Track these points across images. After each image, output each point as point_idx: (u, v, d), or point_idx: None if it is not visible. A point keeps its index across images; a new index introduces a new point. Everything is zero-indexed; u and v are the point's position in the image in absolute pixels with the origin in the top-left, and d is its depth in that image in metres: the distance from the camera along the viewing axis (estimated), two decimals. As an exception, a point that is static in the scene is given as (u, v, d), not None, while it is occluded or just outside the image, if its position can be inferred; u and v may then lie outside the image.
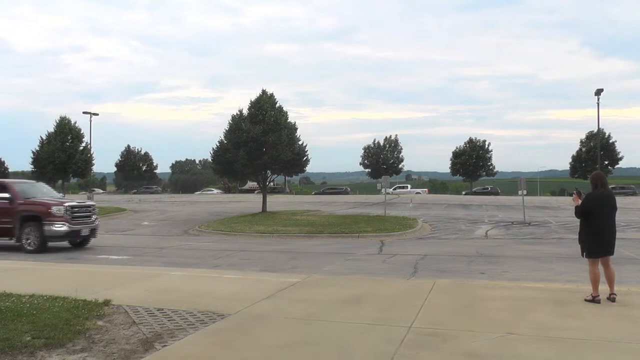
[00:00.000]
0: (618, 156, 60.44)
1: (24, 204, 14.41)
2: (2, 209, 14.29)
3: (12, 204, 14.32)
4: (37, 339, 5.23)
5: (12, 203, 14.34)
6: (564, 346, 5.20)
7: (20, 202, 14.43)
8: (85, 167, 34.86)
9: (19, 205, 14.34)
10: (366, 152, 73.27)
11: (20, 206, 14.33)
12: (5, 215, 14.24)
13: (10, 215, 14.19)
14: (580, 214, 7.10)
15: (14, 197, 14.45)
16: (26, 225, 14.14)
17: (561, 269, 11.03)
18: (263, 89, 29.79)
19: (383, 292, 7.86)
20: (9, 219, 14.18)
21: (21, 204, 14.37)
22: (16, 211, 14.19)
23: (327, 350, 5.10)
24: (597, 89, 43.01)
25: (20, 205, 14.35)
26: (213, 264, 11.85)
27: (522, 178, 27.94)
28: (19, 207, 14.27)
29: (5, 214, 14.26)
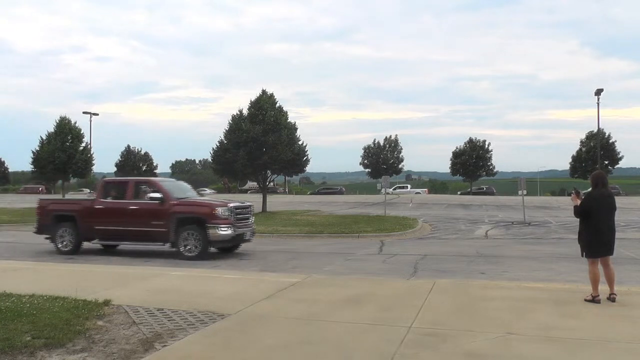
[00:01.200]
0: (618, 156, 60.40)
1: (179, 205, 12.92)
2: (154, 210, 12.82)
3: (164, 205, 12.79)
4: (37, 339, 5.23)
5: (164, 204, 12.80)
6: (564, 346, 5.20)
7: (174, 202, 12.91)
8: (85, 167, 34.87)
9: (173, 206, 12.81)
10: (366, 152, 73.20)
11: (175, 207, 12.80)
12: (156, 217, 12.73)
13: (163, 218, 12.65)
14: (580, 214, 7.10)
15: (165, 197, 12.92)
16: (184, 228, 12.52)
17: (561, 269, 11.03)
18: (263, 89, 29.82)
19: (383, 292, 7.87)
20: (161, 222, 12.64)
21: (176, 205, 12.86)
22: (170, 213, 12.65)
23: (327, 350, 5.10)
24: (597, 89, 43.08)
25: (174, 206, 12.82)
26: (213, 264, 11.84)
27: (522, 178, 27.95)
28: (173, 208, 12.74)
29: (156, 216, 12.74)
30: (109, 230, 13.41)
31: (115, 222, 13.31)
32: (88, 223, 13.50)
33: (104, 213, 13.51)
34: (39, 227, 14.32)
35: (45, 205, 14.64)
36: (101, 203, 13.71)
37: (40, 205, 14.69)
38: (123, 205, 13.45)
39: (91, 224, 13.47)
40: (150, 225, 12.80)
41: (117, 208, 13.56)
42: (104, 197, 13.87)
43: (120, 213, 13.33)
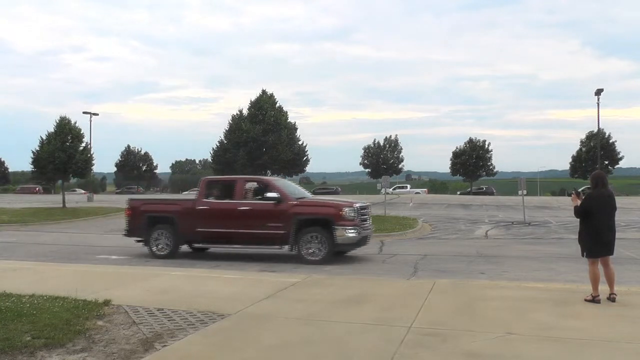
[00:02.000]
0: (618, 156, 60.48)
1: (300, 205, 12.12)
2: (270, 211, 12.01)
3: (281, 205, 11.95)
4: (37, 339, 5.23)
5: (281, 204, 11.97)
6: (564, 346, 5.20)
7: (294, 202, 12.12)
8: (85, 167, 34.81)
9: (294, 206, 11.98)
10: (366, 152, 73.19)
11: (296, 208, 11.96)
12: (273, 218, 11.91)
13: (282, 219, 11.83)
14: (580, 214, 7.10)
15: (283, 196, 12.12)
16: (306, 230, 11.72)
17: (561, 269, 11.03)
18: (263, 89, 29.96)
19: (383, 292, 7.87)
20: (279, 223, 11.82)
21: (296, 205, 12.05)
22: (290, 213, 11.82)
23: (327, 350, 5.10)
24: (597, 89, 43.14)
25: (295, 206, 11.99)
26: (213, 264, 11.85)
27: (522, 178, 27.94)
28: (293, 209, 11.91)
29: (273, 218, 11.92)
30: (214, 233, 12.49)
31: (222, 224, 12.39)
32: (189, 225, 12.54)
33: (208, 214, 12.51)
34: (130, 229, 13.39)
35: (138, 206, 13.65)
36: (205, 204, 12.69)
37: (131, 206, 13.70)
38: (232, 206, 12.48)
39: (193, 226, 12.51)
40: (265, 227, 11.94)
41: (225, 209, 12.58)
42: (206, 197, 12.87)
43: (229, 214, 12.37)
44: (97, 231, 21.15)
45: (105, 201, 42.98)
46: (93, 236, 19.25)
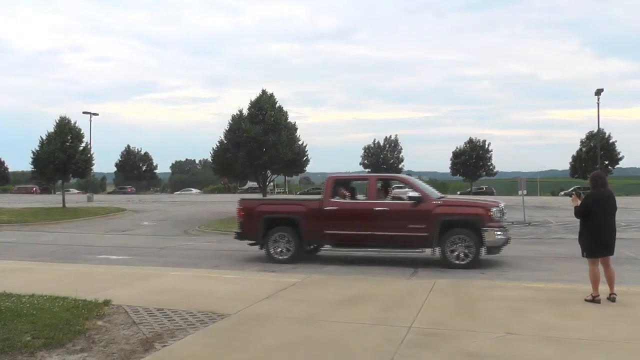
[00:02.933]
0: (618, 156, 60.40)
1: (444, 206, 11.38)
2: (410, 212, 11.21)
3: (422, 205, 11.17)
4: (37, 339, 5.23)
5: (422, 204, 11.19)
6: (564, 346, 5.20)
7: (437, 202, 11.40)
8: (85, 167, 34.81)
9: (437, 206, 11.21)
10: (366, 152, 73.02)
11: (439, 208, 11.19)
12: (414, 219, 11.09)
13: (423, 220, 11.03)
14: (580, 214, 7.10)
15: (424, 196, 11.39)
16: (452, 232, 10.92)
17: (561, 269, 11.03)
18: (263, 89, 29.81)
19: (383, 292, 7.87)
20: (420, 225, 11.01)
21: (440, 205, 11.30)
22: (434, 214, 11.03)
23: (327, 350, 5.10)
24: (597, 89, 43.08)
25: (438, 206, 11.23)
26: (213, 264, 11.84)
27: (522, 178, 27.93)
28: (437, 209, 11.12)
29: (414, 219, 11.10)
30: (345, 236, 11.67)
31: (355, 226, 11.58)
32: (316, 227, 11.64)
33: (339, 215, 11.63)
34: (243, 231, 12.41)
35: (253, 207, 12.67)
36: (334, 204, 11.79)
37: (244, 206, 12.62)
38: (367, 206, 11.72)
39: (321, 228, 11.63)
40: (405, 228, 11.14)
41: (359, 209, 11.85)
42: (334, 197, 11.99)
43: (364, 215, 11.56)
44: (97, 231, 21.17)
45: (104, 201, 42.99)
46: (93, 236, 19.26)
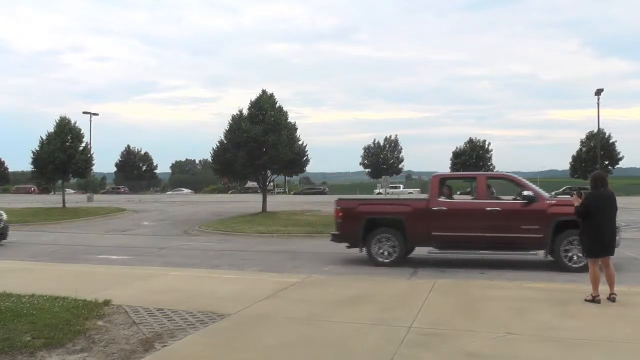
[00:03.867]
0: (618, 156, 60.41)
1: (558, 205, 10.71)
2: (525, 212, 10.68)
3: (535, 205, 10.66)
4: (37, 339, 5.23)
5: (534, 203, 10.68)
6: (564, 346, 5.20)
7: (550, 202, 10.90)
8: (85, 167, 34.82)
9: (550, 206, 10.63)
10: (366, 152, 73.17)
11: (554, 208, 10.57)
12: (529, 220, 10.55)
13: (538, 221, 10.47)
14: (581, 214, 7.10)
15: (537, 196, 10.88)
16: (567, 233, 10.16)
17: (560, 268, 11.01)
18: (263, 89, 29.79)
19: (383, 292, 7.87)
20: (534, 226, 10.46)
21: (554, 205, 10.70)
22: (548, 214, 10.44)
23: (327, 350, 5.10)
24: (597, 89, 43.14)
25: (552, 206, 10.64)
26: (213, 264, 11.85)
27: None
28: (550, 209, 10.54)
29: (529, 219, 10.55)
30: (454, 237, 11.08)
31: (465, 227, 10.97)
32: (422, 228, 11.10)
33: (447, 216, 11.03)
34: (342, 233, 11.84)
35: (353, 207, 12.08)
36: (441, 204, 11.18)
37: (343, 207, 12.08)
38: (478, 206, 11.13)
39: (427, 230, 11.08)
40: (518, 230, 10.60)
41: (470, 209, 11.30)
42: (440, 196, 11.44)
43: (474, 216, 10.97)
44: (97, 231, 21.17)
45: (103, 201, 42.98)
46: (93, 236, 19.26)
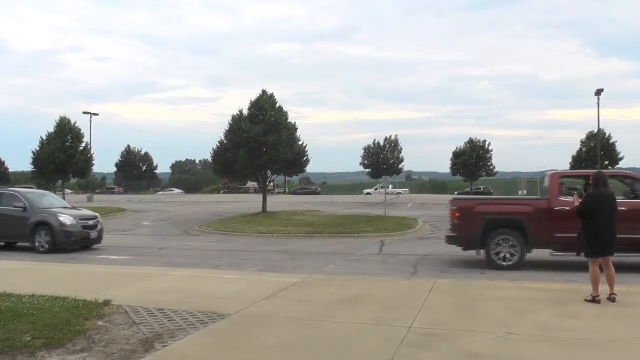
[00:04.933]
0: (618, 156, 60.41)
1: None
2: None
3: None
4: (37, 339, 5.23)
5: None
6: (564, 346, 5.20)
7: None
8: (85, 167, 34.88)
9: None
10: (366, 152, 73.09)
11: None
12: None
13: None
14: (581, 214, 7.10)
15: None
16: None
17: (561, 269, 11.02)
18: (263, 89, 29.80)
19: (383, 292, 7.87)
20: None
21: None
22: None
23: (327, 350, 5.10)
24: (597, 89, 43.07)
25: None
26: (213, 264, 11.85)
27: (522, 178, 27.91)
28: None
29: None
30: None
31: None
32: (544, 229, 10.58)
33: (570, 216, 10.25)
34: (459, 234, 11.29)
35: (470, 207, 11.44)
36: (565, 203, 10.44)
37: (460, 206, 11.46)
38: None
39: (549, 231, 10.56)
40: None
41: None
42: (561, 195, 10.88)
43: None
44: (97, 231, 21.11)
45: (104, 201, 42.97)
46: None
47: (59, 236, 14.01)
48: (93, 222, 15.06)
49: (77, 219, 14.65)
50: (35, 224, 14.20)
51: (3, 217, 14.59)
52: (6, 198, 15.02)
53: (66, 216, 14.46)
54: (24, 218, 14.37)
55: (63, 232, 14.08)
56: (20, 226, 14.30)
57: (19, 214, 14.46)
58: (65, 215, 14.48)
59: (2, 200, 14.99)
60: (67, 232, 14.16)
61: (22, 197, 14.92)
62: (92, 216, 15.34)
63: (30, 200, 14.85)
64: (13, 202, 14.80)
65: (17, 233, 14.60)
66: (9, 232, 14.73)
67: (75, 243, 14.37)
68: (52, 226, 14.08)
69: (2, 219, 14.58)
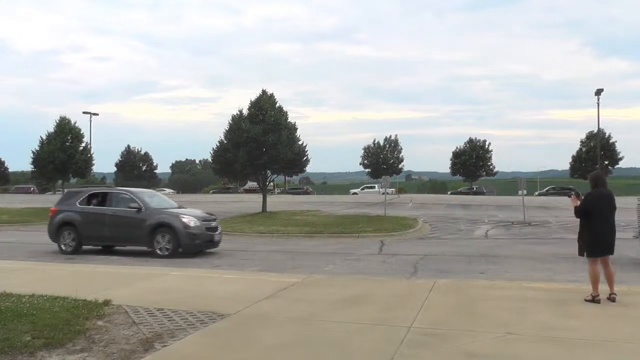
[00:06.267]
0: (618, 156, 60.44)
1: None
2: None
3: None
4: (37, 339, 5.23)
5: None
6: (564, 346, 5.20)
7: None
8: (85, 167, 34.90)
9: None
10: (366, 152, 73.17)
11: None
12: None
13: None
14: (580, 214, 7.10)
15: None
16: None
17: (561, 269, 11.03)
18: (263, 89, 29.79)
19: (383, 292, 7.87)
20: None
21: None
22: None
23: (327, 350, 5.10)
24: (597, 89, 43.13)
25: None
26: (213, 264, 11.85)
27: (522, 178, 27.92)
28: None
29: None
30: None
31: None
32: None
33: None
34: None
35: None
36: None
37: None
38: None
39: None
40: None
41: None
42: None
43: None
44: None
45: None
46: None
47: (183, 239, 12.90)
48: (215, 223, 13.93)
49: (201, 220, 13.51)
50: (155, 226, 13.09)
51: (116, 219, 13.55)
52: (118, 198, 14.01)
53: (190, 217, 13.32)
54: (140, 220, 13.22)
55: (188, 235, 12.95)
56: (136, 229, 13.19)
57: (133, 215, 13.33)
58: (189, 216, 13.34)
59: (114, 200, 13.95)
60: (192, 234, 13.02)
61: (136, 197, 13.75)
62: (213, 217, 14.21)
63: (144, 201, 13.68)
64: (126, 202, 13.72)
65: (131, 236, 13.41)
66: (122, 236, 13.56)
67: (199, 246, 13.37)
68: (175, 228, 12.92)
69: (115, 220, 13.54)
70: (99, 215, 13.77)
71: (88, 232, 13.77)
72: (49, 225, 14.47)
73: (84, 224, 13.78)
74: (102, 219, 13.69)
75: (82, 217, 13.85)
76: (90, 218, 13.78)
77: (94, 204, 14.09)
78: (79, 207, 14.11)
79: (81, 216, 13.88)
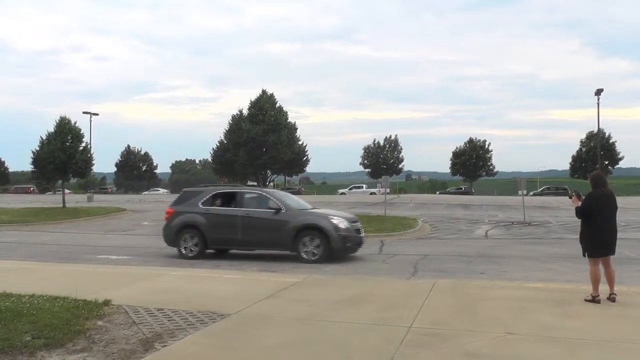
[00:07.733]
0: (618, 156, 60.52)
1: None
2: None
3: None
4: (37, 339, 5.23)
5: None
6: (564, 346, 5.20)
7: None
8: (85, 167, 34.84)
9: None
10: (366, 152, 73.22)
11: None
12: None
13: None
14: (581, 214, 7.11)
15: None
16: None
17: (561, 269, 11.03)
18: (263, 89, 29.94)
19: (383, 292, 7.87)
20: None
21: None
22: None
23: (327, 350, 5.10)
24: (597, 89, 43.20)
25: None
26: (213, 264, 11.84)
27: (522, 178, 27.93)
28: None
29: None
30: None
31: None
32: None
33: None
34: None
35: None
36: None
37: None
38: None
39: None
40: None
41: None
42: None
43: None
44: (98, 231, 21.15)
45: (104, 201, 42.97)
46: (93, 236, 19.25)
47: (334, 242, 11.86)
48: (359, 224, 13.04)
49: (350, 221, 12.55)
50: (300, 228, 12.04)
51: (250, 220, 12.47)
52: (255, 199, 13.04)
53: (340, 219, 12.34)
54: (280, 222, 12.17)
55: (339, 238, 11.94)
56: (274, 231, 12.18)
57: (270, 216, 12.30)
58: (338, 218, 12.38)
59: (245, 201, 12.91)
60: (344, 237, 12.02)
61: (275, 198, 12.78)
62: (356, 218, 13.33)
63: (283, 201, 12.72)
64: (259, 203, 12.81)
65: (269, 239, 12.38)
66: (258, 239, 12.49)
67: (349, 250, 12.38)
68: (326, 231, 11.88)
69: (248, 222, 12.47)
70: (228, 217, 12.65)
71: (215, 235, 12.64)
72: (166, 228, 13.22)
73: (210, 226, 12.61)
74: (233, 221, 12.55)
75: (208, 219, 12.67)
76: (217, 220, 12.66)
77: (219, 204, 12.97)
78: (202, 207, 12.89)
79: (206, 218, 12.69)
